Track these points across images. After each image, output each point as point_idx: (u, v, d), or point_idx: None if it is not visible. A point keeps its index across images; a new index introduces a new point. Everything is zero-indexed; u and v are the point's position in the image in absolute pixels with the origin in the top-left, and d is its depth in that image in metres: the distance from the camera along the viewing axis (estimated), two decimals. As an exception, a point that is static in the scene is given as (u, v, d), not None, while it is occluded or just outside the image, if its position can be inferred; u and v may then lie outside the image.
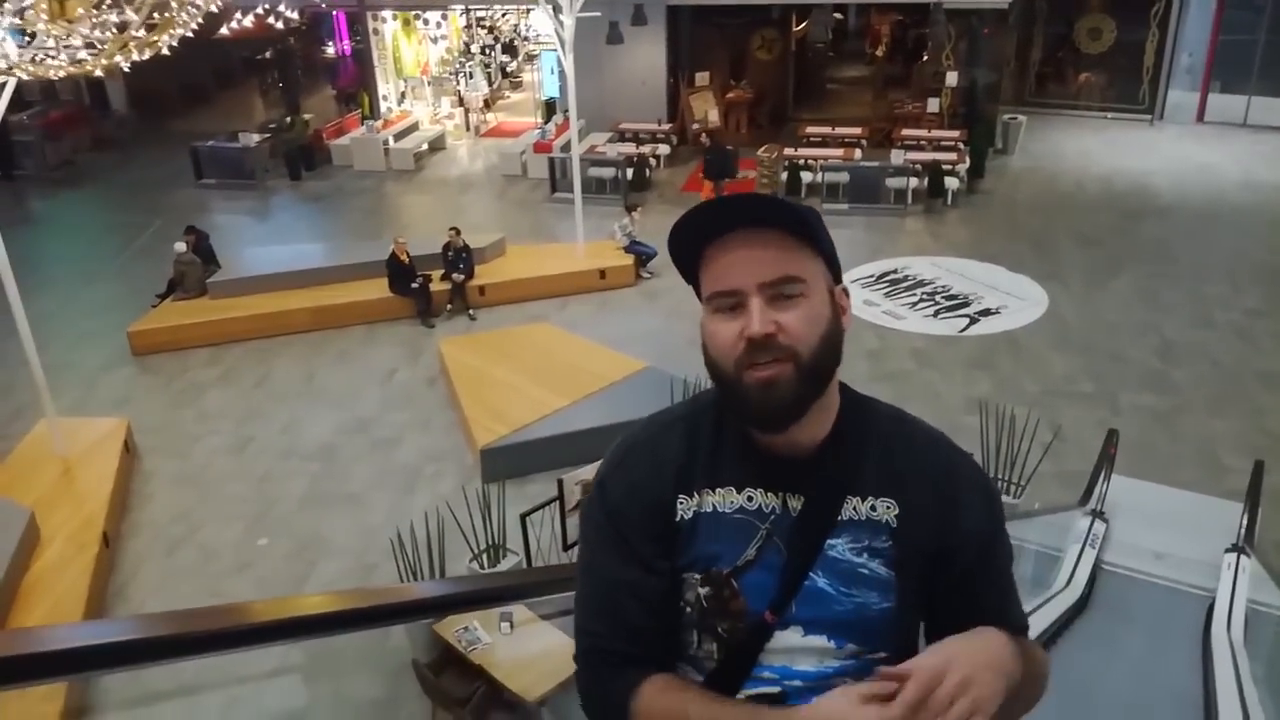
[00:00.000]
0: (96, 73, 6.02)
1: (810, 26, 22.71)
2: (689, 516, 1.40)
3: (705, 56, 18.87)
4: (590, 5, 12.76)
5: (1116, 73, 19.64)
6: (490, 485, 7.68)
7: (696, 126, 18.25)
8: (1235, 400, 9.70)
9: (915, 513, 1.39)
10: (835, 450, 1.40)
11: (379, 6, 19.69)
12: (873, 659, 1.37)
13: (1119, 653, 5.49)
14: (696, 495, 1.41)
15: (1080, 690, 5.04)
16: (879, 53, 22.64)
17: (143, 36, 5.26)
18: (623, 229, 13.09)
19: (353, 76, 21.74)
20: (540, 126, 18.46)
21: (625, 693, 1.38)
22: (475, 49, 22.19)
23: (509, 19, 23.73)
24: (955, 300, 12.05)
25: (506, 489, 7.55)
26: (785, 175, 15.47)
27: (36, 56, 5.87)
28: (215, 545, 8.11)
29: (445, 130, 19.78)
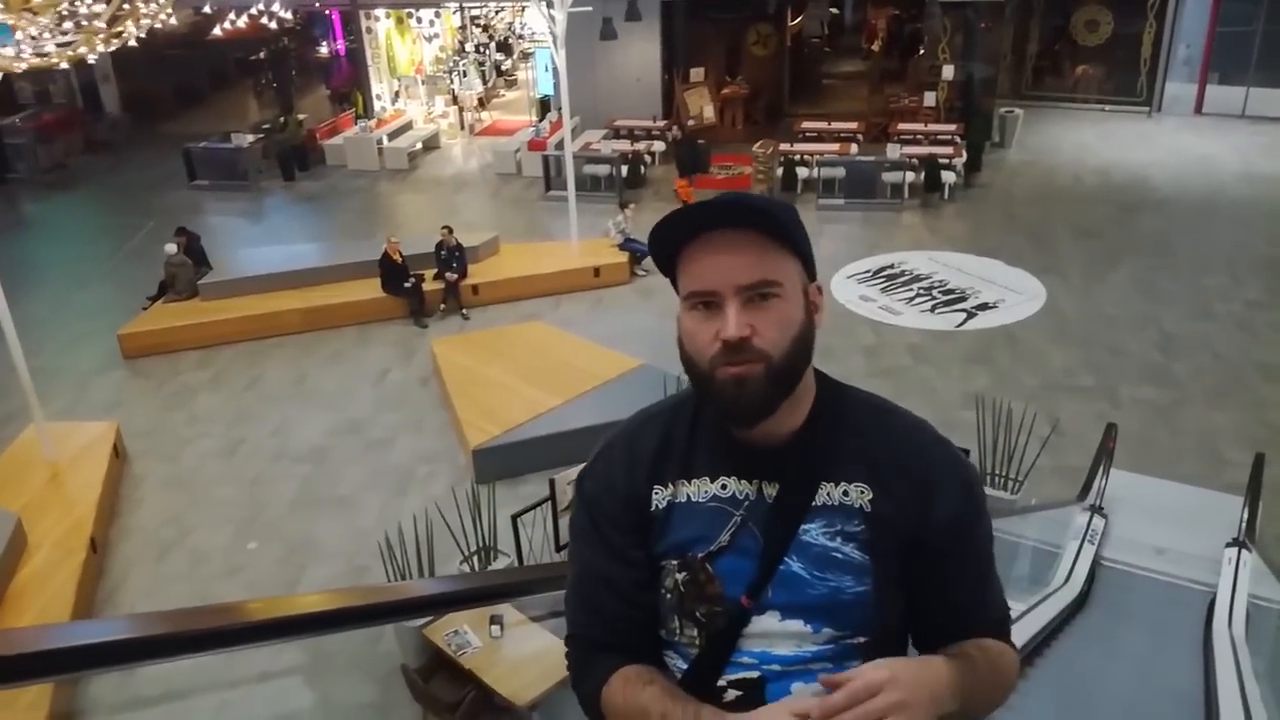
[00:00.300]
0: (62, 65, 5.93)
1: (805, 21, 22.61)
2: (663, 506, 1.44)
3: (700, 52, 18.79)
4: (583, 0, 12.67)
5: (1114, 65, 19.56)
6: (483, 486, 7.59)
7: (692, 123, 18.17)
8: (1236, 392, 9.61)
9: (889, 497, 1.40)
10: (810, 437, 1.42)
11: (372, 5, 19.59)
12: (851, 644, 1.39)
13: (1119, 650, 5.44)
14: (671, 486, 1.44)
15: (1080, 688, 4.98)
16: (875, 47, 22.54)
17: (107, 29, 5.17)
18: (617, 225, 13.02)
19: (347, 76, 21.67)
20: (535, 124, 18.37)
21: (596, 682, 1.45)
22: (470, 47, 22.11)
23: (503, 17, 23.65)
24: (952, 295, 11.95)
25: (500, 490, 7.47)
26: (781, 171, 15.36)
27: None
28: (205, 549, 8.03)
29: (439, 129, 19.68)
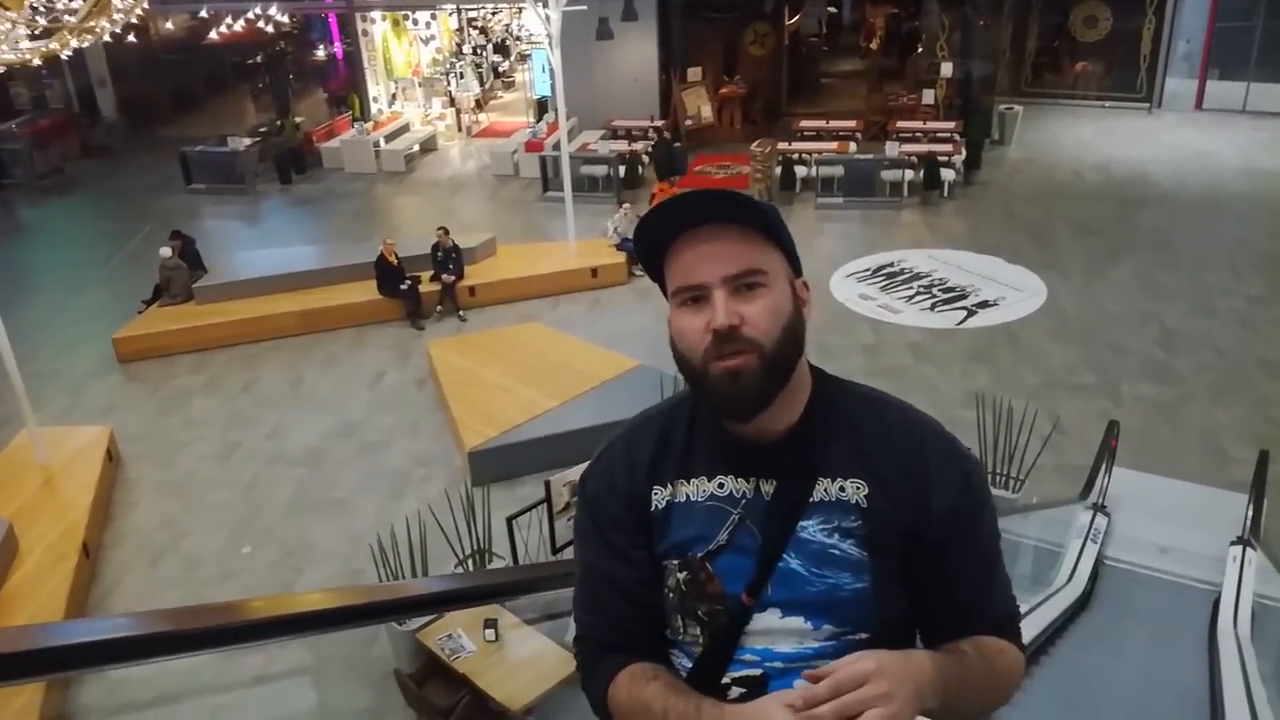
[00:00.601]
0: (35, 62, 5.88)
1: (803, 20, 22.54)
2: (663, 506, 1.45)
3: (697, 52, 18.72)
4: (578, 0, 12.61)
5: (1113, 61, 19.48)
6: (478, 488, 7.52)
7: (690, 123, 18.11)
8: (1239, 389, 9.52)
9: (885, 492, 1.39)
10: (806, 433, 1.42)
11: (368, 7, 19.55)
12: (852, 640, 1.38)
13: (1122, 650, 5.39)
14: (670, 486, 1.45)
15: (1083, 689, 4.91)
16: (873, 45, 22.47)
17: (78, 24, 5.11)
18: (615, 225, 12.95)
19: (344, 79, 21.62)
20: (532, 126, 18.31)
21: (603, 681, 1.46)
22: (467, 49, 22.06)
23: (500, 18, 23.60)
24: (952, 293, 11.87)
25: (497, 492, 7.39)
26: (779, 170, 15.28)
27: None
28: (199, 553, 7.97)
29: (436, 131, 19.63)
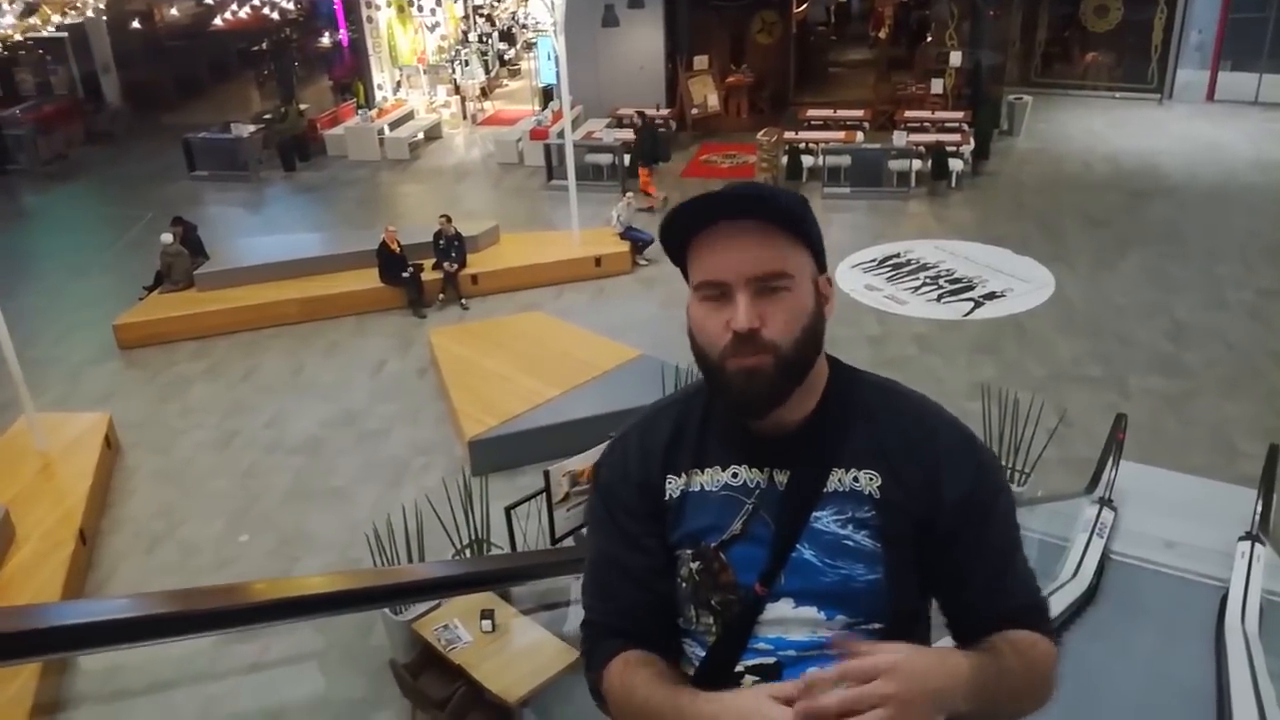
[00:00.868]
0: (16, 37, 5.80)
1: (811, 8, 22.38)
2: (677, 495, 1.45)
3: (704, 40, 18.57)
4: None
5: (1124, 51, 19.27)
6: (478, 478, 7.46)
7: (696, 111, 17.99)
8: (1248, 383, 9.41)
9: (898, 483, 1.39)
10: (821, 424, 1.42)
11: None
12: (866, 630, 1.38)
13: (1128, 646, 5.31)
14: (684, 475, 1.46)
15: (1088, 685, 4.84)
16: (881, 34, 22.27)
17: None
18: (619, 214, 12.84)
19: (348, 66, 21.52)
20: (537, 114, 18.19)
21: (599, 666, 1.46)
22: (472, 37, 21.93)
23: (506, 5, 23.45)
24: (959, 284, 11.76)
25: (497, 481, 7.33)
26: (786, 159, 15.16)
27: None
28: (196, 541, 7.92)
29: (441, 119, 19.53)
